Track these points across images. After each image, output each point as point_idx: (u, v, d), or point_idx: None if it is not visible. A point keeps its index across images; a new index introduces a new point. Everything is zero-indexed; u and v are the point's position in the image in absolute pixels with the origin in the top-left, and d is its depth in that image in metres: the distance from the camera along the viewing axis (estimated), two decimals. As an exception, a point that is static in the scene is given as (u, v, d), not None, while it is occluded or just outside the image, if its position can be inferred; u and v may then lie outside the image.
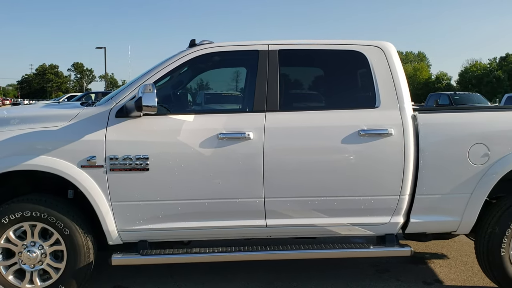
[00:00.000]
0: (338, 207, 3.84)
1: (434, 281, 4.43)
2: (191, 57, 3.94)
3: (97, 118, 3.77)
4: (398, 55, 4.02)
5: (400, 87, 3.91)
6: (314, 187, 3.80)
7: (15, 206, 3.72)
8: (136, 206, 3.74)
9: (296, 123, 3.83)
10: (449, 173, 3.86)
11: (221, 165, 3.73)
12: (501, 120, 3.99)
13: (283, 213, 3.83)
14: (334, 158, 3.81)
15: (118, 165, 3.67)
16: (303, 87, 4.47)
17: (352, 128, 3.79)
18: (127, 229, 3.79)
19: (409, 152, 3.79)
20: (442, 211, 3.92)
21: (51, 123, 3.76)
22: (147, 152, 3.68)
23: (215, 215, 3.81)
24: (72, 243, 3.74)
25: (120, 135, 3.70)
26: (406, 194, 3.84)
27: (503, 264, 3.94)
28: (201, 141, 3.72)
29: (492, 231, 3.94)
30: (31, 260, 3.75)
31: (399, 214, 3.89)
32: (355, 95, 4.08)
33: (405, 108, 3.87)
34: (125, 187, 3.71)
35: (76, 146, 3.68)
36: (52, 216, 3.71)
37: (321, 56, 4.11)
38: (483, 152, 3.85)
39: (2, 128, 3.77)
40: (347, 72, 4.13)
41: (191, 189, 3.74)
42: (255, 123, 3.78)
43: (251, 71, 4.11)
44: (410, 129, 3.82)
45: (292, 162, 3.79)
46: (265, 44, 3.98)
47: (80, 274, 3.79)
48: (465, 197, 3.89)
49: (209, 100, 4.82)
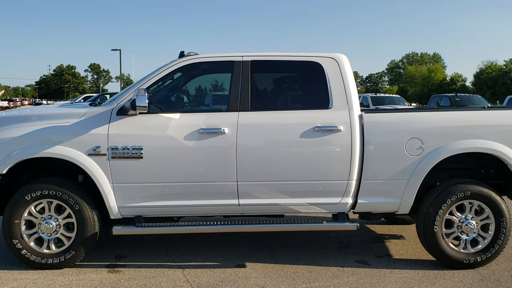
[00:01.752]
0: (298, 190, 4.67)
1: (385, 255, 5.24)
2: (179, 66, 4.82)
3: (101, 116, 4.65)
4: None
5: (349, 91, 4.73)
6: (278, 173, 4.64)
7: (36, 186, 4.62)
8: (132, 187, 4.62)
9: (264, 120, 4.68)
10: (390, 162, 4.67)
11: (201, 155, 4.59)
12: (434, 119, 4.79)
13: (253, 194, 4.67)
14: (294, 149, 4.64)
15: (118, 153, 4.55)
16: (270, 91, 5.31)
17: (309, 125, 4.62)
18: (125, 206, 4.67)
19: (356, 144, 4.62)
20: (384, 194, 4.74)
21: (65, 119, 4.66)
22: (141, 143, 4.56)
23: (197, 195, 4.67)
24: (81, 216, 4.63)
25: (120, 130, 4.59)
26: (354, 179, 4.66)
27: (436, 238, 4.74)
28: (185, 135, 4.58)
29: (427, 211, 4.75)
30: (48, 230, 4.65)
31: (348, 195, 4.71)
32: (312, 98, 4.91)
33: (353, 109, 4.69)
34: (124, 171, 4.58)
35: (85, 138, 4.57)
36: (65, 195, 4.60)
37: (286, 65, 4.97)
38: (418, 145, 4.65)
39: (26, 124, 4.68)
40: (307, 78, 4.97)
41: (177, 174, 4.60)
42: (229, 120, 4.63)
43: (228, 77, 4.96)
44: (356, 126, 4.64)
45: (259, 152, 4.63)
46: (239, 56, 4.83)
47: (87, 242, 4.68)
48: (403, 182, 4.70)
49: (193, 101, 5.68)
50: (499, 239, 4.74)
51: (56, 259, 4.65)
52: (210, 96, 5.53)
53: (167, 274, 4.59)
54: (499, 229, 4.74)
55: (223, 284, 4.35)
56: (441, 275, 4.63)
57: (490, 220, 4.76)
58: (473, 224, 4.76)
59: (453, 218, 4.78)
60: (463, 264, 4.75)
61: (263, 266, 4.84)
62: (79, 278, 4.49)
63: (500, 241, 4.74)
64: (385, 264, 4.94)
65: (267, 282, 4.41)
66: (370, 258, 5.14)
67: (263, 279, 4.48)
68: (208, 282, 4.39)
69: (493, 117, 4.86)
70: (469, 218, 4.77)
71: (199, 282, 4.40)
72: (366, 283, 4.41)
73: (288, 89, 5.23)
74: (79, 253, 4.69)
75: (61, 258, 4.66)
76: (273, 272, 4.67)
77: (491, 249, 4.75)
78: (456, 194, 4.69)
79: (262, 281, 4.43)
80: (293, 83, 5.17)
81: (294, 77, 5.11)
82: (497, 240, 4.74)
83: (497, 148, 4.67)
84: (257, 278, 4.51)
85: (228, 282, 4.39)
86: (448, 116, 4.83)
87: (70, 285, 4.31)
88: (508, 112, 4.95)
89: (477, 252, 4.77)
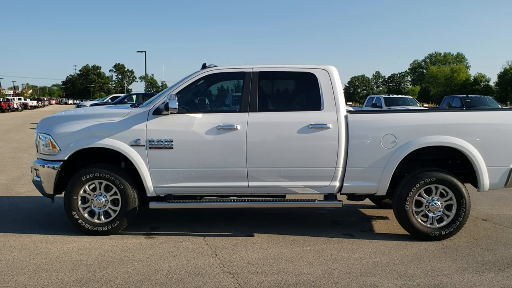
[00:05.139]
0: (295, 175, 5.85)
1: (368, 230, 6.39)
2: (202, 76, 6.07)
3: (141, 115, 5.91)
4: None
5: (337, 96, 5.89)
6: (279, 161, 5.83)
7: (90, 170, 5.90)
8: (164, 171, 5.86)
9: (269, 119, 5.87)
10: (369, 153, 5.82)
11: (218, 146, 5.81)
12: (406, 118, 5.93)
13: (259, 178, 5.87)
14: (292, 142, 5.82)
15: (154, 144, 5.80)
16: (274, 95, 6.51)
17: (304, 123, 5.80)
18: (159, 186, 5.92)
19: (342, 139, 5.78)
20: (365, 178, 5.89)
21: (113, 118, 5.94)
22: (172, 137, 5.80)
23: (215, 178, 5.89)
24: (124, 194, 5.91)
25: (155, 126, 5.83)
26: (340, 166, 5.83)
27: (408, 215, 5.87)
28: (206, 130, 5.81)
29: (400, 193, 5.89)
30: (99, 204, 5.94)
31: (336, 180, 5.87)
32: (308, 101, 6.09)
33: (340, 110, 5.85)
34: (158, 159, 5.83)
35: (128, 133, 5.83)
36: (112, 176, 5.88)
37: (287, 75, 6.21)
38: (392, 139, 5.79)
39: (82, 121, 5.97)
40: (303, 86, 6.16)
41: (199, 161, 5.82)
42: (241, 119, 5.84)
43: (241, 85, 6.17)
44: (342, 124, 5.80)
45: (265, 144, 5.82)
46: (250, 67, 6.04)
47: (129, 214, 5.96)
48: (380, 169, 5.84)
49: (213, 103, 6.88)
50: (460, 216, 5.84)
51: (104, 227, 5.94)
52: (226, 99, 6.74)
53: (191, 240, 5.83)
54: (460, 208, 5.84)
55: (235, 247, 5.57)
56: (410, 245, 5.76)
57: (452, 201, 5.87)
58: (438, 204, 5.87)
59: (422, 199, 5.90)
60: (430, 236, 5.87)
61: (267, 236, 6.04)
62: (123, 241, 5.76)
63: (461, 218, 5.84)
64: (367, 236, 6.10)
65: (270, 246, 5.61)
66: (355, 232, 6.30)
67: (267, 244, 5.68)
68: (223, 246, 5.61)
69: (455, 117, 5.97)
70: (435, 199, 5.89)
71: (216, 245, 5.63)
72: (348, 248, 5.58)
73: (288, 94, 6.44)
74: (122, 223, 5.96)
75: (108, 226, 5.94)
76: (275, 240, 5.88)
77: (453, 224, 5.86)
78: (424, 179, 5.82)
79: (266, 245, 5.63)
80: (292, 89, 6.40)
81: (293, 84, 6.33)
82: (458, 218, 5.85)
83: (457, 142, 5.77)
84: (262, 243, 5.72)
85: (239, 246, 5.61)
86: (417, 116, 5.96)
87: (117, 246, 5.58)
88: (467, 113, 6.08)
89: (441, 227, 5.88)
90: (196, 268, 4.85)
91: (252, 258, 5.18)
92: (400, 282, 4.54)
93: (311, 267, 4.91)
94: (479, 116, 6.02)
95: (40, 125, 6.13)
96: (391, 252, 5.47)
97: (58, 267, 4.84)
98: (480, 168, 5.82)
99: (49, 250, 5.39)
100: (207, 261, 5.07)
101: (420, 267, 4.95)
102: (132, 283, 4.44)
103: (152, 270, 4.78)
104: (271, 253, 5.36)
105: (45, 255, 5.21)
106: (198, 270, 4.78)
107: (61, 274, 4.65)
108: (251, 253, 5.35)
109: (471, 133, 5.80)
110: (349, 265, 4.98)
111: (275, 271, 4.78)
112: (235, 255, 5.25)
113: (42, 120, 6.23)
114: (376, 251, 5.50)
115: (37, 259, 5.08)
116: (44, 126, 6.06)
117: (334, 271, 4.81)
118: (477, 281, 4.59)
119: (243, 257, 5.21)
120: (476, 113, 6.20)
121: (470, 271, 4.85)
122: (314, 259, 5.17)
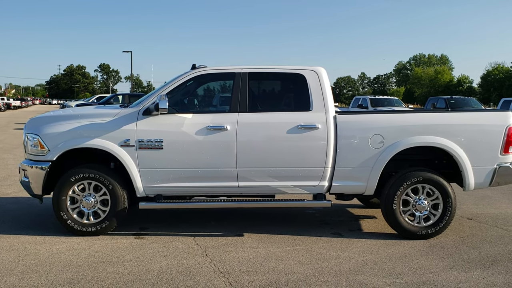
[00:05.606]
0: (285, 174, 5.89)
1: (356, 229, 6.47)
2: (191, 76, 6.08)
3: (131, 115, 5.90)
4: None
5: (326, 97, 5.95)
6: (269, 161, 5.87)
7: (79, 170, 5.88)
8: (154, 171, 5.86)
9: (258, 119, 5.91)
10: (357, 153, 5.89)
11: (208, 146, 5.83)
12: (393, 119, 6.02)
13: (249, 178, 5.90)
14: (282, 143, 5.86)
15: (143, 145, 5.80)
16: (264, 96, 6.55)
17: (294, 123, 5.85)
18: (149, 186, 5.92)
19: (330, 139, 5.84)
20: (354, 178, 5.96)
21: (102, 118, 5.92)
22: (162, 137, 5.80)
23: (205, 178, 5.90)
24: (114, 194, 5.89)
25: (145, 126, 5.83)
26: (329, 166, 5.89)
27: (395, 214, 5.96)
28: (196, 130, 5.82)
29: (388, 192, 5.97)
30: (88, 204, 5.92)
31: (325, 180, 5.93)
32: (297, 102, 6.13)
33: (329, 111, 5.91)
34: (148, 159, 5.83)
35: (118, 133, 5.82)
36: (102, 177, 5.87)
37: (276, 76, 6.25)
38: (379, 140, 5.87)
39: (71, 121, 5.94)
40: (293, 87, 6.21)
41: (189, 161, 5.84)
42: (231, 119, 5.87)
43: (230, 85, 6.20)
44: (331, 125, 5.86)
45: (255, 145, 5.86)
46: (239, 68, 6.07)
47: (119, 215, 5.94)
48: (368, 169, 5.91)
49: (202, 104, 6.90)
50: (446, 215, 5.95)
51: (93, 228, 5.92)
52: (216, 100, 6.76)
53: (181, 240, 5.84)
54: (446, 207, 5.95)
55: (225, 246, 5.59)
56: (398, 243, 5.84)
57: (439, 201, 5.97)
58: (425, 203, 5.97)
59: (409, 199, 5.99)
60: (417, 235, 5.96)
61: (257, 235, 6.08)
62: (113, 242, 5.75)
63: (447, 217, 5.94)
64: (356, 235, 6.17)
65: (259, 246, 5.65)
66: (344, 231, 6.37)
67: (257, 244, 5.72)
68: (213, 245, 5.63)
69: (441, 117, 6.07)
70: (422, 198, 5.98)
71: (206, 245, 5.65)
72: (337, 247, 5.64)
73: (278, 95, 6.48)
74: (112, 223, 5.95)
75: (97, 227, 5.92)
76: (264, 239, 5.92)
77: (440, 223, 5.96)
78: (411, 179, 5.91)
79: (256, 245, 5.67)
80: (281, 90, 6.44)
81: (282, 85, 6.37)
82: (444, 217, 5.95)
83: (443, 143, 5.87)
84: (252, 243, 5.76)
85: (229, 246, 5.64)
86: (405, 117, 6.05)
87: (107, 246, 5.57)
88: (453, 114, 6.20)
89: (428, 225, 5.98)
90: (187, 267, 4.87)
91: (242, 257, 5.21)
92: (388, 280, 4.62)
93: (301, 266, 4.96)
94: (464, 117, 6.14)
95: (28, 125, 6.09)
96: (379, 250, 5.54)
97: (48, 267, 4.82)
98: (465, 168, 5.93)
99: (38, 251, 5.36)
100: (197, 260, 5.09)
101: (407, 265, 5.03)
102: (123, 283, 4.44)
103: (143, 270, 4.78)
104: (261, 252, 5.40)
105: (34, 256, 5.18)
106: (189, 270, 4.80)
107: (51, 274, 4.63)
108: (242, 252, 5.38)
109: (457, 134, 5.91)
110: (338, 264, 5.04)
111: (265, 270, 4.82)
112: (225, 255, 5.28)
113: (30, 120, 6.20)
114: (364, 250, 5.57)
115: (26, 260, 5.05)
116: (32, 126, 6.02)
117: (324, 269, 4.87)
118: (464, 279, 4.68)
119: (234, 256, 5.24)
120: (462, 114, 6.31)
121: (457, 269, 4.95)
122: (303, 258, 5.23)
